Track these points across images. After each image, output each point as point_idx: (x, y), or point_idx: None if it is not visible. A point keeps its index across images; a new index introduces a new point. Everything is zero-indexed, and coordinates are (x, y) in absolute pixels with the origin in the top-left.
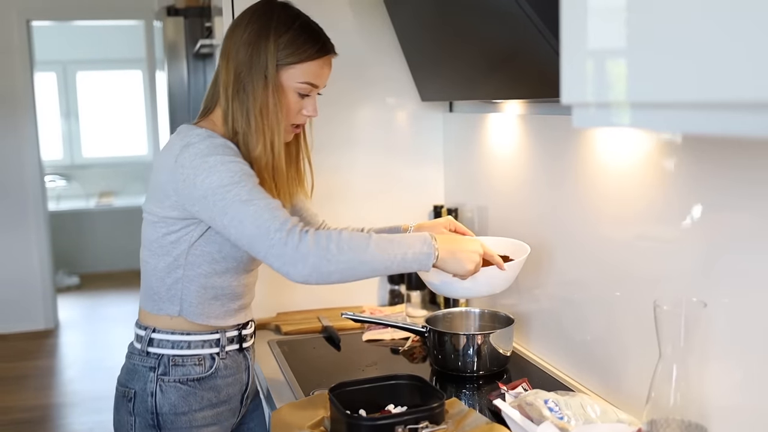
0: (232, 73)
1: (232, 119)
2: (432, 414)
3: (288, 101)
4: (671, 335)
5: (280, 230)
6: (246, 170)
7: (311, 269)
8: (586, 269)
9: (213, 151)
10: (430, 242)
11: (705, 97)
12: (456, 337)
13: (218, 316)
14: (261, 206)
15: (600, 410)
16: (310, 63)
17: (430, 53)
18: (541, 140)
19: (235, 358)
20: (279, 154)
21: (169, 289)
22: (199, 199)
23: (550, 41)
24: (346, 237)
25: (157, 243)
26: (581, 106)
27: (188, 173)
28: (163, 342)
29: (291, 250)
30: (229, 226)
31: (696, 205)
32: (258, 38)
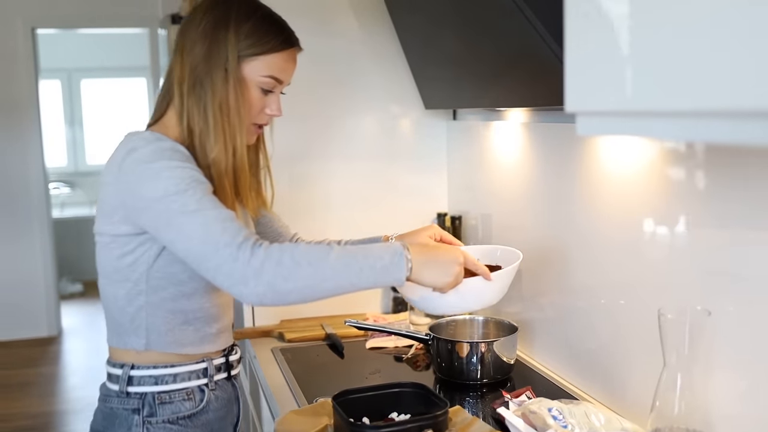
0: (188, 67)
1: (188, 117)
2: (436, 422)
3: (250, 97)
4: (676, 344)
5: (230, 244)
6: (195, 176)
7: (265, 287)
8: (590, 277)
9: (158, 156)
10: (402, 252)
11: (709, 105)
12: (459, 344)
13: (194, 342)
14: (210, 217)
15: (604, 419)
16: (275, 55)
17: (433, 61)
18: (545, 148)
19: (225, 388)
20: (241, 157)
21: (132, 320)
22: (143, 210)
23: (553, 49)
24: (303, 250)
25: (112, 268)
26: (585, 114)
27: (132, 180)
28: (144, 379)
29: (242, 266)
30: (175, 240)
31: (701, 213)
32: (216, 28)
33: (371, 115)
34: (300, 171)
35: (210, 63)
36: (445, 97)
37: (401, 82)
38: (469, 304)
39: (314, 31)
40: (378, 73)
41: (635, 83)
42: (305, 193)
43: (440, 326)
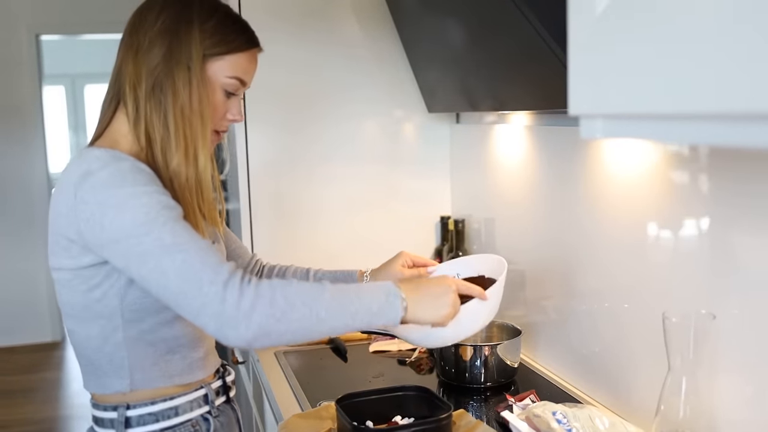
0: (144, 69)
1: (146, 124)
2: (439, 425)
3: (214, 99)
4: (680, 347)
5: (215, 282)
6: (164, 201)
7: (256, 331)
8: (594, 281)
9: (121, 181)
10: (396, 292)
11: (713, 108)
12: (463, 348)
13: (182, 372)
14: (190, 252)
15: (609, 422)
16: (239, 55)
17: (436, 65)
18: (549, 151)
19: (227, 412)
20: (204, 167)
21: (111, 361)
22: (108, 243)
23: (556, 53)
24: (296, 288)
25: (80, 306)
26: (588, 117)
27: (92, 210)
28: (144, 418)
29: (231, 308)
30: (149, 278)
31: (705, 216)
32: (178, 25)
33: (374, 119)
34: (302, 174)
35: (171, 63)
36: (448, 100)
37: (404, 86)
38: (468, 330)
39: (317, 35)
40: (381, 78)
41: (639, 86)
42: (307, 197)
43: None
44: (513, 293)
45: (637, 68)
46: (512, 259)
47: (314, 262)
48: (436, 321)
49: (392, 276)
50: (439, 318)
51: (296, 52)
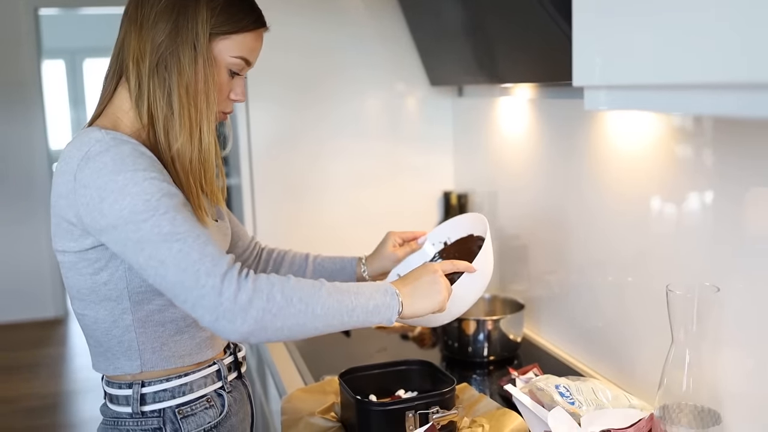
0: (149, 44)
1: (149, 101)
2: (443, 399)
3: (220, 79)
4: (684, 320)
5: (212, 274)
6: (165, 188)
7: (253, 325)
8: (597, 254)
9: (121, 166)
10: (393, 292)
11: (717, 78)
12: (466, 322)
13: (191, 351)
14: (188, 242)
15: (612, 395)
16: (246, 34)
17: (440, 37)
18: (552, 125)
19: (239, 388)
20: (208, 146)
21: (120, 343)
22: (107, 229)
23: (560, 24)
24: (293, 285)
25: (87, 289)
26: (592, 88)
27: (92, 195)
28: (159, 394)
29: (228, 302)
30: (146, 266)
31: (709, 189)
32: (185, 1)
33: (376, 93)
34: (304, 150)
35: (177, 40)
36: (452, 73)
37: (406, 59)
38: (467, 302)
39: (319, 10)
40: (382, 51)
41: (642, 57)
42: (309, 173)
43: None
44: (516, 267)
45: (640, 39)
46: (515, 234)
47: (317, 238)
48: (433, 309)
49: (386, 259)
50: (436, 305)
51: (297, 28)
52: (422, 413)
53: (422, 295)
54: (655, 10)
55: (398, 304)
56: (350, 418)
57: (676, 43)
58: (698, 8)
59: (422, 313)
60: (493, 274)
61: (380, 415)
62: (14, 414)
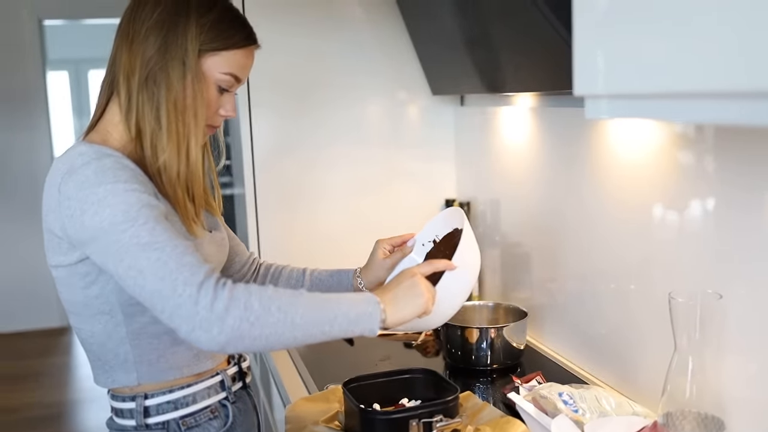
0: (139, 59)
1: (137, 116)
2: (446, 407)
3: (208, 95)
4: (686, 327)
5: (189, 283)
6: (145, 200)
7: (230, 334)
8: (600, 262)
9: (102, 179)
10: (376, 301)
11: (719, 86)
12: (469, 330)
13: (189, 362)
14: (166, 251)
15: (615, 403)
16: (237, 51)
17: (441, 46)
18: (554, 133)
19: (243, 398)
20: (196, 161)
21: (116, 356)
22: (89, 241)
23: (561, 33)
24: (272, 293)
25: (80, 303)
26: (594, 97)
27: (74, 207)
28: (163, 406)
29: (204, 310)
30: (125, 276)
31: (710, 197)
32: (175, 17)
33: (378, 102)
34: (307, 159)
35: (166, 56)
36: (453, 82)
37: (408, 68)
38: (456, 300)
39: (320, 19)
40: (384, 61)
41: (643, 65)
42: (312, 181)
43: None
44: (518, 275)
45: (642, 48)
46: (518, 241)
47: (318, 246)
48: (417, 313)
49: (379, 268)
50: (419, 309)
51: (299, 37)
52: (426, 422)
53: (404, 301)
54: (656, 18)
55: (380, 313)
56: (354, 427)
57: (678, 51)
58: (700, 16)
59: (407, 318)
60: (496, 280)
61: (384, 424)
62: (18, 423)
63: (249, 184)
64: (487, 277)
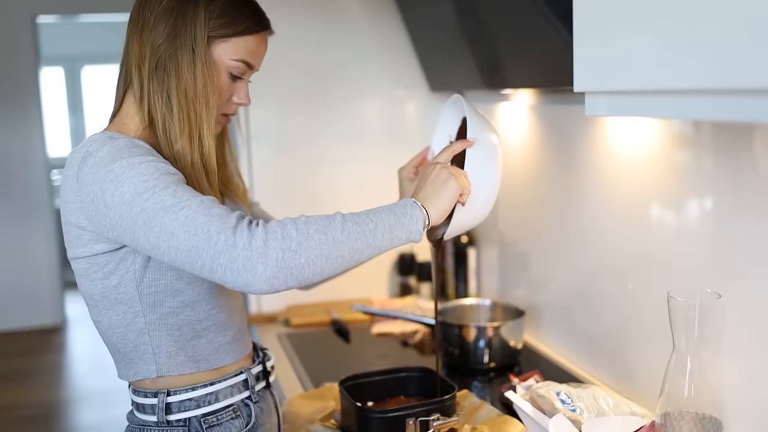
0: (149, 47)
1: (149, 104)
2: (443, 406)
3: (220, 83)
4: (685, 327)
5: (223, 230)
6: (163, 168)
7: (276, 267)
8: (598, 260)
9: (116, 156)
10: (411, 201)
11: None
12: (467, 329)
13: (209, 356)
14: (193, 208)
15: (613, 402)
16: (247, 38)
17: (439, 42)
18: (553, 130)
19: (266, 398)
20: (209, 149)
21: (136, 347)
22: (114, 220)
23: (559, 30)
24: (306, 219)
25: (99, 294)
26: (593, 94)
27: (94, 190)
28: (185, 403)
29: (243, 251)
30: (157, 244)
31: (709, 195)
32: (184, 3)
33: (376, 98)
34: (305, 156)
35: (175, 43)
36: (452, 78)
37: (406, 64)
38: (490, 173)
39: (319, 15)
40: (383, 56)
41: (643, 62)
42: (310, 177)
43: (447, 310)
44: (516, 273)
45: (640, 45)
46: (516, 240)
47: None
48: (455, 196)
49: None
50: (455, 189)
51: (297, 33)
52: (423, 420)
53: (437, 191)
54: (654, 16)
55: (420, 211)
56: (351, 426)
57: (676, 49)
58: (697, 14)
59: (448, 206)
60: (494, 279)
61: (381, 423)
62: (11, 422)
63: (247, 181)
64: (484, 276)
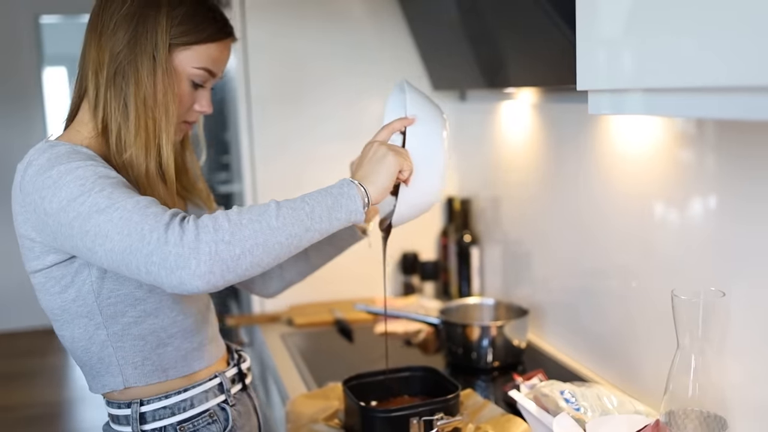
0: (107, 53)
1: (104, 112)
2: (447, 405)
3: (180, 91)
4: (689, 325)
5: (156, 228)
6: (102, 171)
7: (210, 261)
8: (601, 259)
9: (54, 162)
10: (346, 180)
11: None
12: (470, 328)
13: (177, 364)
14: (128, 208)
15: (617, 401)
16: (210, 45)
17: (442, 40)
18: (555, 129)
19: (243, 401)
20: (167, 158)
21: (100, 360)
22: (55, 228)
23: (563, 29)
24: (238, 210)
25: (59, 308)
26: (596, 92)
27: (35, 199)
28: (159, 412)
29: (175, 247)
30: (93, 248)
31: (713, 194)
32: (145, 9)
33: (379, 96)
34: (306, 155)
35: (135, 50)
36: (454, 77)
37: (408, 63)
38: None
39: (320, 13)
40: (385, 55)
41: (647, 60)
42: (312, 177)
43: (450, 310)
44: (520, 272)
45: (644, 43)
46: (519, 239)
47: None
48: (394, 171)
49: None
50: (393, 166)
51: (299, 31)
52: (427, 420)
53: (375, 168)
54: (658, 14)
55: (357, 189)
56: (354, 425)
57: (680, 46)
58: (702, 12)
59: (387, 182)
60: (497, 278)
61: (384, 422)
62: (15, 422)
63: (248, 180)
64: (488, 275)
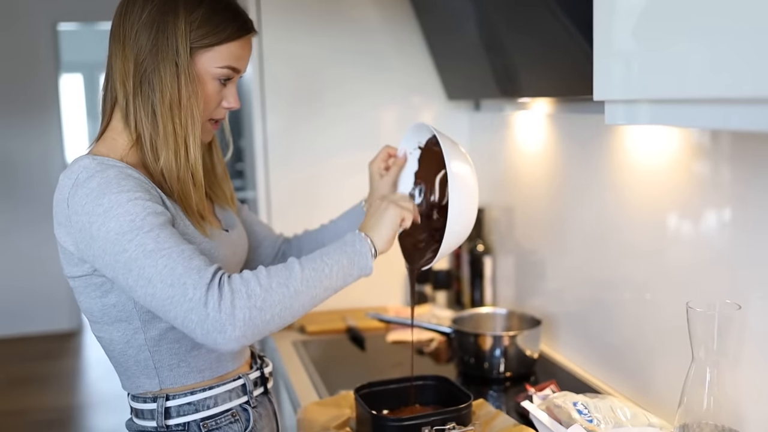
0: (132, 62)
1: (135, 120)
2: (459, 415)
3: (207, 91)
4: (704, 338)
5: (199, 286)
6: (150, 207)
7: (243, 326)
8: (615, 270)
9: (106, 189)
10: (358, 235)
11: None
12: (482, 338)
13: (211, 365)
14: (173, 257)
15: (630, 413)
16: (231, 44)
17: (457, 50)
18: (570, 140)
19: (264, 404)
20: (195, 160)
21: (137, 362)
22: (98, 253)
23: (578, 40)
24: (266, 272)
25: (99, 312)
26: (613, 102)
27: (82, 221)
28: (183, 408)
29: (213, 311)
30: (135, 287)
31: (727, 206)
32: (163, 16)
33: (392, 106)
34: (320, 163)
35: (158, 56)
36: (469, 87)
37: (423, 72)
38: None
39: (335, 22)
40: (399, 64)
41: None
42: (325, 185)
43: (462, 319)
44: (533, 283)
45: (662, 54)
46: (532, 249)
47: None
48: (397, 221)
49: (383, 188)
50: (396, 216)
51: (313, 40)
52: (439, 429)
53: (379, 221)
54: (675, 25)
55: (368, 245)
56: None
57: (698, 57)
58: (719, 22)
59: (391, 232)
60: (510, 288)
61: (396, 431)
62: (27, 426)
63: (261, 187)
64: (501, 285)
